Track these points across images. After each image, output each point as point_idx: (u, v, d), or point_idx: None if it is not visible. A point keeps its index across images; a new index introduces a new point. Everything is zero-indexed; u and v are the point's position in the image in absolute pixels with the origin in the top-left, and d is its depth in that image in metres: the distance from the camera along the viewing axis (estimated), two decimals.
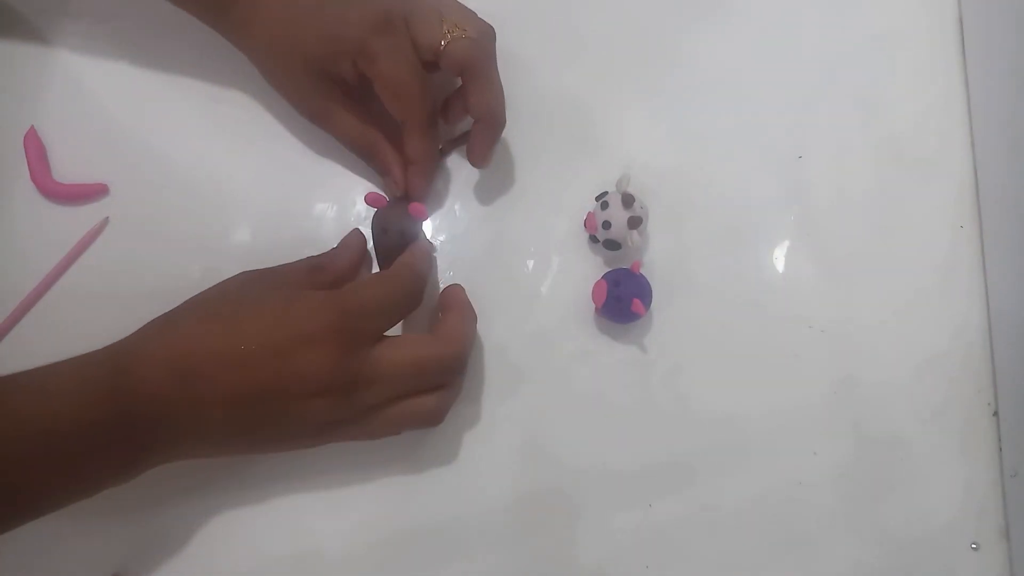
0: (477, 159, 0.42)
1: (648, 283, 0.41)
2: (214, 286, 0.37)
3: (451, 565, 0.40)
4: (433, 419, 0.38)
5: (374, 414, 0.36)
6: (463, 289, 0.41)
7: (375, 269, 0.43)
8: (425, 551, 0.40)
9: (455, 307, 0.39)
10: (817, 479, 0.41)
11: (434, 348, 0.37)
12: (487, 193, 0.44)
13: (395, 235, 0.42)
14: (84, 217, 0.43)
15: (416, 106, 0.40)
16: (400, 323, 0.38)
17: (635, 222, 0.40)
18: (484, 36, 0.39)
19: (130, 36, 0.46)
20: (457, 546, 0.40)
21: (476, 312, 0.40)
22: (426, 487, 0.41)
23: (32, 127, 0.44)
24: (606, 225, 0.40)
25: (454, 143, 0.45)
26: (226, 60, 0.46)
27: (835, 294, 0.43)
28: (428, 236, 0.44)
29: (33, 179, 0.44)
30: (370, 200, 0.41)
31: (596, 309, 0.41)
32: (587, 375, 0.42)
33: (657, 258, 0.43)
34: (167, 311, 0.36)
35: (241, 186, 0.44)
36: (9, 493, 0.31)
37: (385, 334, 0.36)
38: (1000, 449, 0.41)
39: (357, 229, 0.42)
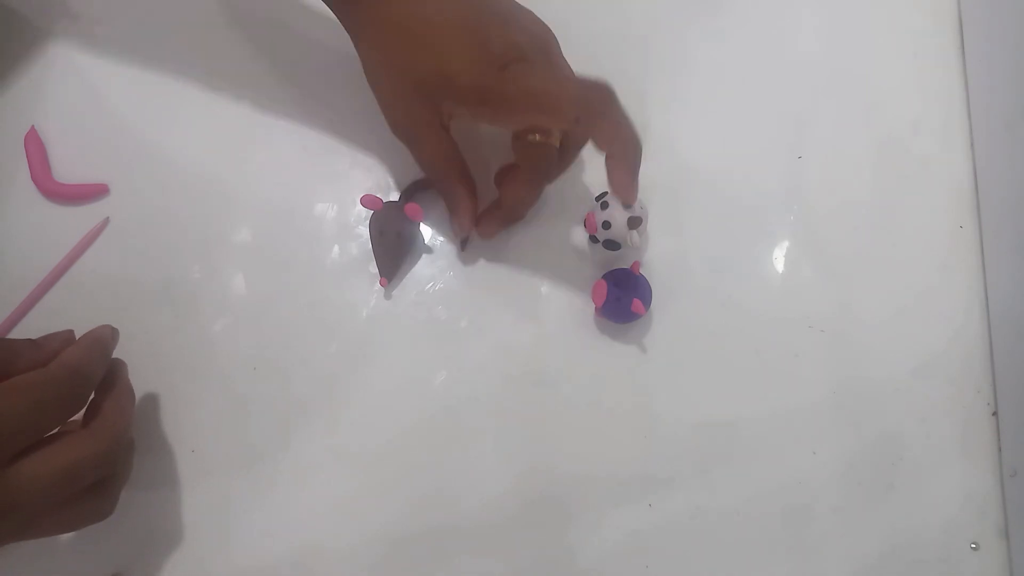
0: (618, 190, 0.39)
1: (648, 283, 0.41)
2: None
3: (451, 566, 0.40)
4: (100, 516, 0.35)
5: (29, 529, 0.32)
6: (125, 366, 0.38)
7: (375, 270, 0.43)
8: (425, 552, 0.40)
9: (112, 388, 0.36)
10: (817, 479, 0.41)
11: (84, 447, 0.32)
12: (486, 194, 0.44)
13: (392, 236, 0.42)
14: (85, 217, 0.44)
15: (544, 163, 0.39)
16: None
17: (635, 222, 0.40)
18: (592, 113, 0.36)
19: (130, 36, 0.46)
20: (457, 546, 0.40)
21: (134, 392, 0.37)
22: (426, 488, 0.41)
23: (32, 127, 0.44)
24: (606, 225, 0.40)
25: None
26: (227, 60, 0.46)
27: (835, 294, 0.43)
28: (426, 237, 0.44)
29: (33, 179, 0.44)
30: (366, 202, 0.41)
31: (596, 309, 0.41)
32: (586, 375, 0.42)
33: (657, 258, 0.43)
34: None
35: (241, 186, 0.44)
36: None
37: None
38: (999, 449, 0.41)
39: (71, 331, 0.36)
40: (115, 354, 0.38)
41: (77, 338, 0.36)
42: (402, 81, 0.38)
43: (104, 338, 0.37)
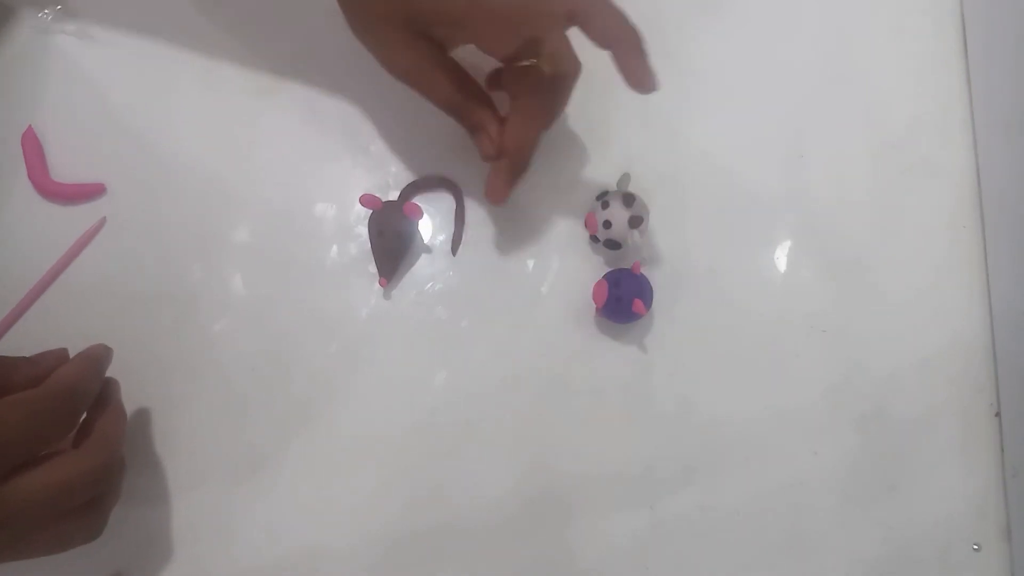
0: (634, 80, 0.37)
1: (648, 283, 0.41)
2: None
3: (451, 566, 0.40)
4: (89, 537, 0.35)
5: (18, 547, 0.32)
6: (118, 385, 0.38)
7: (374, 270, 0.43)
8: (426, 552, 0.40)
9: (105, 408, 0.36)
10: (817, 479, 0.41)
11: (75, 466, 0.32)
12: None
13: (391, 236, 0.42)
14: (82, 216, 0.43)
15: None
16: None
17: (636, 222, 0.40)
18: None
19: (128, 36, 0.46)
20: (457, 547, 0.40)
21: (126, 411, 0.38)
22: (426, 488, 0.41)
23: (30, 126, 0.44)
24: (607, 225, 0.40)
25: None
26: (225, 60, 0.46)
27: (835, 294, 0.43)
28: (425, 237, 0.44)
29: (31, 178, 0.44)
30: (365, 201, 0.40)
31: (596, 309, 0.41)
32: (587, 375, 0.42)
33: (657, 258, 0.43)
34: None
35: (241, 186, 0.44)
36: None
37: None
38: (1002, 449, 0.41)
39: (65, 349, 0.37)
40: (113, 356, 0.38)
41: (71, 356, 0.36)
42: (390, 18, 0.37)
43: (98, 357, 0.37)
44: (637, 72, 0.36)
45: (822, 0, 0.48)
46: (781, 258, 0.44)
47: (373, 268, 0.43)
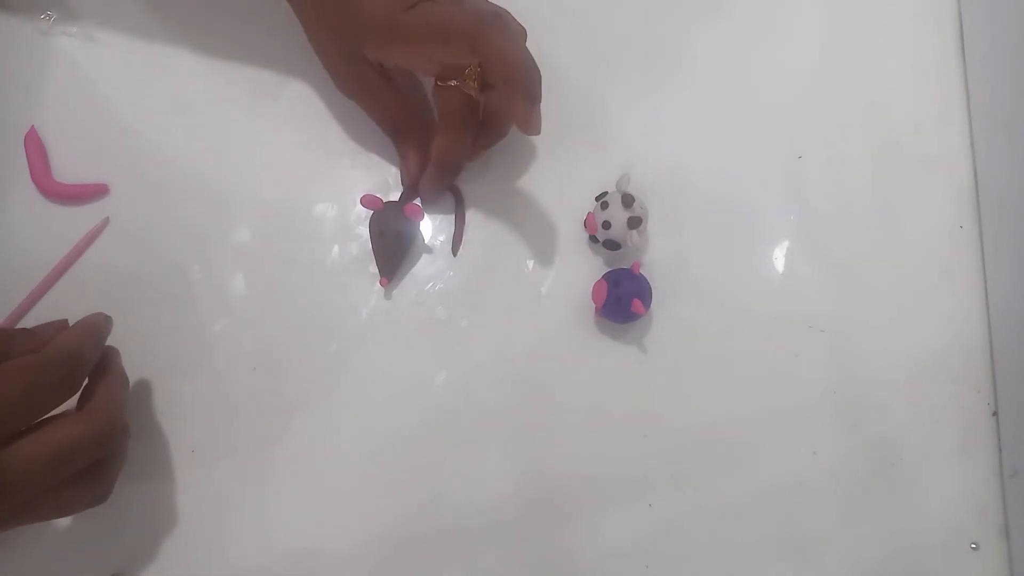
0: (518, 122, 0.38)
1: (648, 283, 0.41)
2: None
3: (451, 566, 0.40)
4: (97, 500, 0.35)
5: (27, 511, 0.32)
6: (118, 353, 0.38)
7: (375, 270, 0.43)
8: (425, 552, 0.40)
9: (105, 373, 0.36)
10: (817, 479, 0.41)
11: (78, 429, 0.33)
12: (487, 193, 0.44)
13: (392, 236, 0.42)
14: (84, 217, 0.43)
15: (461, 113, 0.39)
16: None
17: (635, 222, 0.40)
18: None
19: (130, 36, 0.46)
20: (457, 547, 0.40)
21: (128, 377, 0.38)
22: (426, 488, 0.41)
23: (32, 127, 0.44)
24: (606, 225, 0.40)
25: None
26: (227, 60, 0.46)
27: (835, 294, 0.43)
28: (426, 237, 0.44)
29: (33, 179, 0.44)
30: (366, 202, 0.41)
31: (596, 309, 0.41)
32: (587, 375, 0.42)
33: (657, 258, 0.43)
34: None
35: (241, 186, 0.44)
36: None
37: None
38: (1000, 449, 0.41)
39: (65, 320, 0.37)
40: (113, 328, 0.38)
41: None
42: (334, 35, 0.39)
43: (98, 324, 0.37)
44: (523, 114, 0.37)
45: (821, 1, 0.48)
46: (780, 258, 0.44)
47: (374, 268, 0.43)
